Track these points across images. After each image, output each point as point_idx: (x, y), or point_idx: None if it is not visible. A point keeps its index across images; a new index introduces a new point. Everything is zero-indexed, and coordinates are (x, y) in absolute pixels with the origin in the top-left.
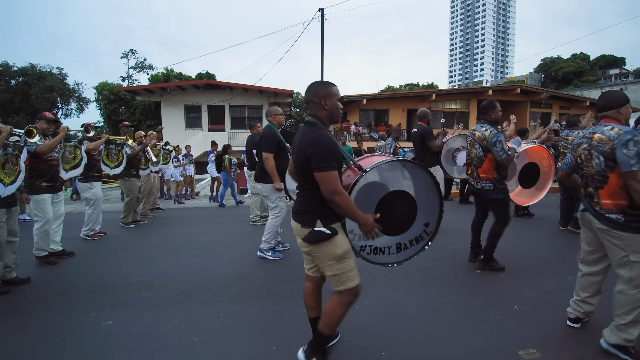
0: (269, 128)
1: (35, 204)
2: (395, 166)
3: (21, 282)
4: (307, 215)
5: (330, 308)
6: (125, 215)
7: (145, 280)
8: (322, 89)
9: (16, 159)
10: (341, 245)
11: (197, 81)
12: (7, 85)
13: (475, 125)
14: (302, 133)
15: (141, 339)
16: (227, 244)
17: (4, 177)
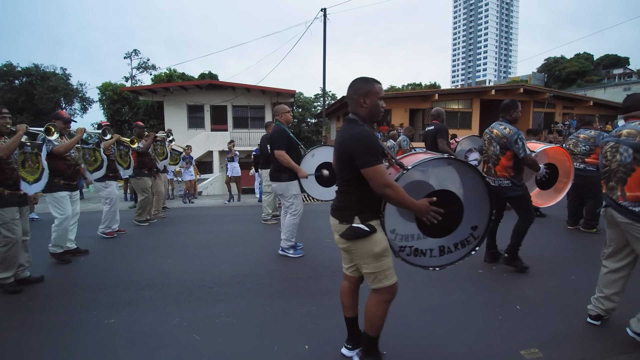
0: (277, 126)
1: (55, 201)
2: (440, 164)
3: (35, 280)
4: (344, 212)
5: (370, 308)
6: (140, 214)
7: (148, 279)
8: (362, 86)
9: (36, 157)
10: (379, 243)
11: (200, 81)
12: (11, 86)
13: (494, 123)
14: (342, 130)
15: (143, 338)
16: (229, 243)
17: (26, 175)
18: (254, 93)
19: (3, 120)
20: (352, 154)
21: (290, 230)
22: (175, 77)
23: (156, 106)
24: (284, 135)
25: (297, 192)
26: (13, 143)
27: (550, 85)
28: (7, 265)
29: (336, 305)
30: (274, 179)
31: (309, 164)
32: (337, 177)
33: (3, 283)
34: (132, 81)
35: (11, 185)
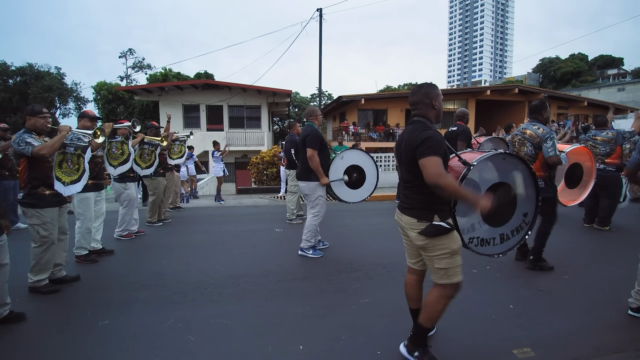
0: (311, 127)
1: (80, 201)
2: (497, 159)
3: (71, 280)
4: (423, 211)
5: (431, 301)
6: (151, 215)
7: (143, 280)
8: (432, 90)
9: (77, 158)
10: (457, 240)
11: (196, 81)
12: (5, 85)
13: (525, 123)
14: (409, 131)
15: (137, 339)
16: (225, 243)
17: (62, 176)
18: (250, 93)
19: (44, 120)
20: (416, 148)
21: (310, 231)
22: (171, 76)
23: (151, 106)
24: (319, 137)
25: (323, 194)
26: (57, 142)
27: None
28: (41, 267)
29: (330, 306)
30: (302, 178)
31: (338, 165)
32: (405, 179)
33: (37, 286)
34: (128, 80)
35: (51, 185)
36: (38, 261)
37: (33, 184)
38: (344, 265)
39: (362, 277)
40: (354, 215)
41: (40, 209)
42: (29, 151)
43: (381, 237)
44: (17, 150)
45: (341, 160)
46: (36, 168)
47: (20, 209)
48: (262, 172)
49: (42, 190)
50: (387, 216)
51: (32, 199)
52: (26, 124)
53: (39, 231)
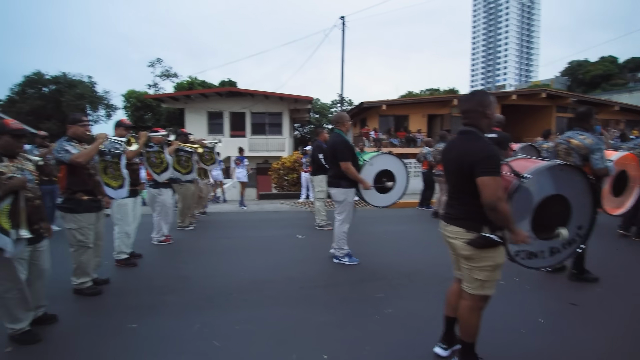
0: (339, 136)
1: (119, 207)
2: (554, 170)
3: (102, 282)
4: (472, 221)
5: (465, 316)
6: (182, 219)
7: (170, 284)
8: (485, 98)
9: (116, 165)
10: (502, 255)
11: (220, 89)
12: (40, 93)
13: (570, 132)
14: (460, 141)
15: (164, 343)
16: (247, 249)
17: (110, 181)
18: (272, 100)
19: (84, 128)
20: (474, 164)
21: (341, 238)
22: (196, 84)
23: (177, 113)
24: (348, 146)
25: (352, 201)
26: (93, 150)
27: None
28: (82, 270)
29: (354, 315)
30: (332, 185)
31: (368, 172)
32: (452, 189)
33: (81, 287)
34: (155, 88)
35: (89, 191)
36: (78, 265)
37: (72, 190)
38: (367, 273)
39: (386, 286)
40: (375, 222)
41: (78, 214)
42: (67, 159)
43: (404, 246)
44: (57, 158)
45: (371, 167)
46: (75, 174)
47: (60, 214)
48: (283, 177)
49: (80, 196)
50: (409, 224)
51: (70, 204)
52: (67, 132)
53: (76, 235)
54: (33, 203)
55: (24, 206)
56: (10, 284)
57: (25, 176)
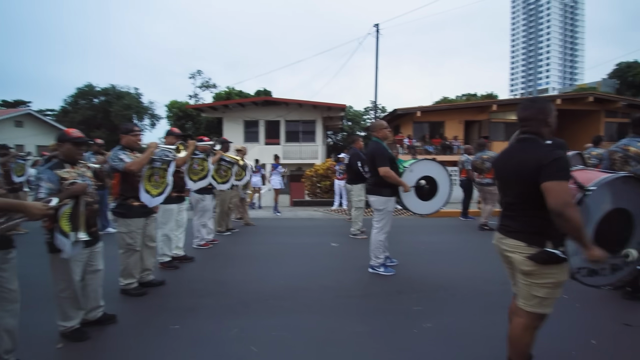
0: (376, 143)
1: (164, 212)
2: (618, 181)
3: (157, 284)
4: (533, 235)
5: (517, 334)
6: (220, 225)
7: (208, 287)
8: (547, 106)
9: (164, 172)
10: (565, 273)
11: (256, 98)
12: (90, 104)
13: (627, 139)
14: (520, 149)
15: (204, 346)
16: (281, 255)
17: (151, 189)
18: (306, 108)
19: (136, 137)
20: (540, 169)
21: (377, 247)
22: (233, 94)
23: (216, 122)
24: (385, 152)
25: (392, 210)
26: (145, 158)
27: (623, 92)
28: (129, 271)
29: (391, 327)
30: (373, 192)
31: (408, 179)
32: (510, 200)
33: (128, 288)
34: (196, 99)
35: (139, 197)
36: (125, 267)
37: (124, 196)
38: (404, 285)
39: (424, 299)
40: (412, 231)
41: (129, 219)
42: (121, 167)
43: (442, 257)
44: (112, 165)
45: (411, 173)
46: (127, 181)
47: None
48: (316, 184)
49: (131, 202)
50: (447, 234)
51: (122, 209)
52: (121, 141)
53: (125, 239)
54: (91, 207)
55: (83, 210)
56: (65, 284)
57: (86, 182)
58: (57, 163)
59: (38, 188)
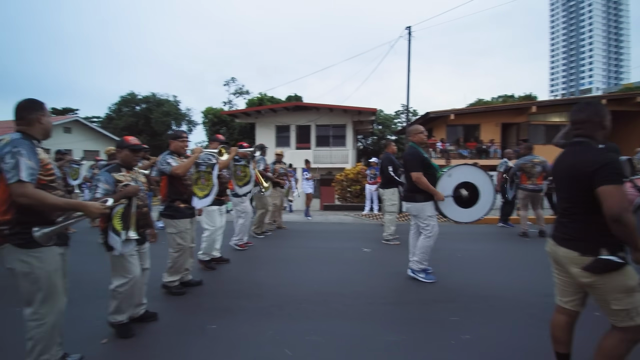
0: (411, 148)
1: (207, 214)
2: None
3: (195, 284)
4: (587, 242)
5: (610, 346)
6: (258, 226)
7: (243, 289)
8: (601, 108)
9: (209, 175)
10: (633, 276)
11: (288, 103)
12: (133, 111)
13: None
14: (573, 152)
15: (240, 347)
16: (314, 259)
17: (198, 191)
18: (336, 112)
19: (182, 143)
20: (594, 173)
21: (423, 252)
22: (265, 100)
23: (249, 127)
24: (418, 157)
25: (432, 213)
26: (190, 162)
27: None
28: (175, 269)
29: (427, 338)
30: (407, 199)
31: (445, 184)
32: (565, 205)
33: (170, 285)
34: (229, 105)
35: (185, 199)
36: (173, 265)
37: (171, 198)
38: (439, 294)
39: (461, 309)
40: (447, 239)
41: (177, 220)
42: (168, 170)
43: (480, 266)
44: (160, 169)
45: (449, 178)
46: (174, 185)
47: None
48: (346, 189)
49: (178, 204)
50: (484, 242)
51: (170, 211)
52: (170, 147)
53: (175, 239)
54: (141, 210)
55: (134, 211)
56: (125, 279)
57: (138, 185)
58: (114, 166)
59: (96, 188)
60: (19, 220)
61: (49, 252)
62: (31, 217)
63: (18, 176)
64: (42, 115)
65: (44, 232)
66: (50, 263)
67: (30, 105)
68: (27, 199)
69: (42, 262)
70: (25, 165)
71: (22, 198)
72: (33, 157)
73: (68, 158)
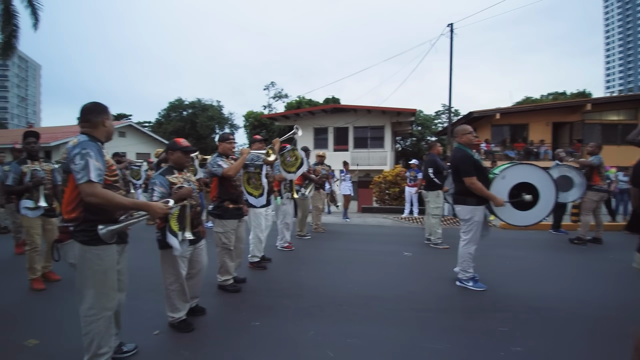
0: (459, 150)
1: (254, 215)
2: None
3: (240, 281)
4: None
5: None
6: (301, 228)
7: (284, 288)
8: None
9: (258, 175)
10: None
11: (326, 106)
12: (180, 116)
13: None
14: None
15: (283, 345)
16: (353, 262)
17: (252, 190)
18: (374, 114)
19: (230, 145)
20: None
21: (465, 260)
22: (303, 103)
23: (288, 130)
24: (469, 159)
25: (480, 220)
26: (240, 164)
27: None
28: (225, 268)
29: (474, 348)
30: (458, 202)
31: (499, 187)
32: None
33: (225, 284)
34: (269, 109)
35: (234, 200)
36: (222, 264)
37: (221, 199)
38: (487, 302)
39: (511, 319)
40: (493, 245)
41: (224, 220)
42: (219, 172)
43: (530, 274)
44: (211, 171)
45: (503, 180)
46: (224, 186)
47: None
48: (384, 191)
49: (227, 205)
50: (534, 249)
51: (218, 211)
52: (218, 149)
53: (221, 238)
54: (195, 209)
55: (189, 212)
56: (174, 277)
57: (191, 187)
58: (167, 169)
59: (152, 191)
60: (85, 218)
61: (108, 250)
62: (96, 216)
63: (88, 177)
64: (106, 118)
65: (109, 230)
66: (108, 261)
67: (95, 108)
68: (96, 198)
69: (102, 259)
70: (94, 166)
71: (92, 197)
72: (100, 159)
73: (127, 160)
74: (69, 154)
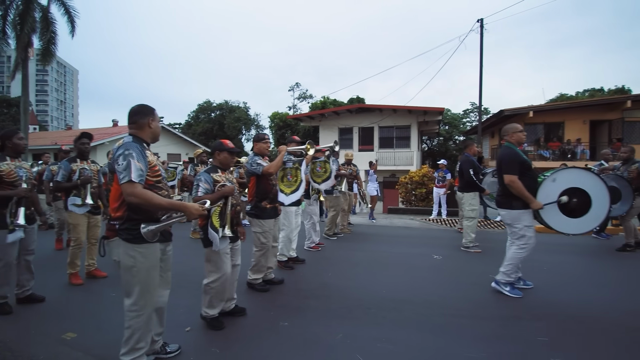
0: (507, 148)
1: (285, 214)
2: None
3: (278, 282)
4: None
5: None
6: (330, 228)
7: (312, 289)
8: None
9: (296, 171)
10: None
11: (350, 106)
12: (208, 117)
13: None
14: None
15: (311, 347)
16: (381, 264)
17: (284, 188)
18: (400, 113)
19: (266, 145)
20: None
21: (513, 264)
22: (328, 103)
23: (312, 130)
24: (516, 159)
25: (530, 223)
26: (280, 161)
27: None
28: (258, 267)
29: (510, 356)
30: (502, 205)
31: (549, 190)
32: None
33: (254, 283)
34: (294, 109)
35: (272, 199)
36: (257, 263)
37: (258, 198)
38: (522, 310)
39: (549, 328)
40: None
41: (262, 220)
42: (259, 170)
43: (570, 281)
44: (250, 170)
45: (553, 183)
46: (261, 184)
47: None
48: (411, 192)
49: (265, 204)
50: (575, 254)
51: (256, 211)
52: (253, 149)
53: (260, 238)
54: (235, 208)
55: (229, 210)
56: (217, 276)
57: (233, 186)
58: (211, 167)
59: (197, 187)
60: (129, 217)
61: (151, 248)
62: (139, 215)
63: (129, 177)
64: (152, 119)
65: (150, 229)
66: (151, 259)
67: (142, 110)
68: (135, 198)
69: (145, 257)
70: (135, 167)
71: (132, 197)
72: (142, 159)
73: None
74: (114, 155)
